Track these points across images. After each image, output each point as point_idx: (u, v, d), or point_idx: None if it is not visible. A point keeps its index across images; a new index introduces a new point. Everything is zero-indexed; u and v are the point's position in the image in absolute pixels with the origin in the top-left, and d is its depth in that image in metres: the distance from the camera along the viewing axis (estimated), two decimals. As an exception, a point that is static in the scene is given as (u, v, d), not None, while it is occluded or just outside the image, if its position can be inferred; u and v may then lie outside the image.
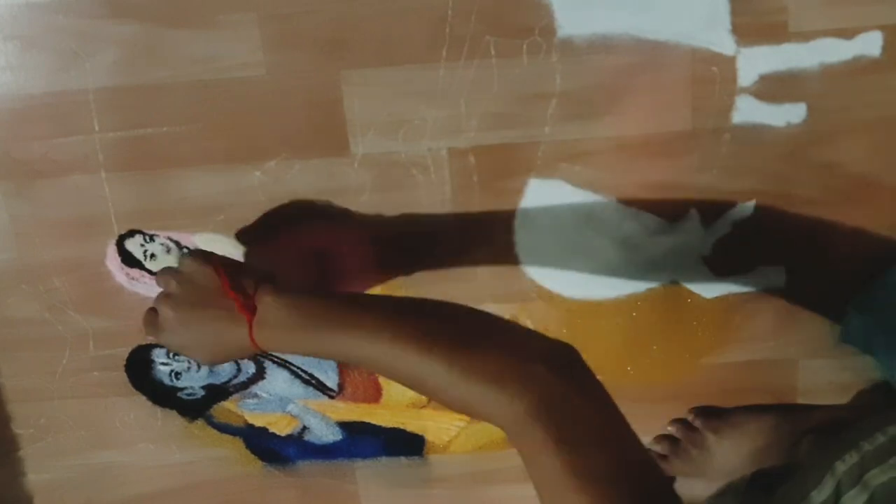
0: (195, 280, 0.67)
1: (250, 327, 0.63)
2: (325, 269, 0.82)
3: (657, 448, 0.87)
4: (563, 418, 0.51)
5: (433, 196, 0.79)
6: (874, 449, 0.65)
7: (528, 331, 0.60)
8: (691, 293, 0.82)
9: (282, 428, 0.89)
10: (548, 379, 0.52)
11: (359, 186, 0.79)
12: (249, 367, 0.87)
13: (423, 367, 0.56)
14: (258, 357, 0.86)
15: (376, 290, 0.83)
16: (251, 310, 0.63)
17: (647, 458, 0.53)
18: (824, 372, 0.86)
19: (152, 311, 0.69)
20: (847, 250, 0.81)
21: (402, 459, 0.90)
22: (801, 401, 0.87)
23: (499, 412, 0.53)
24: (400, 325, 0.58)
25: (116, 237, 0.81)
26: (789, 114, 0.76)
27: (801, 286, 0.82)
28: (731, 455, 0.84)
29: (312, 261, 0.82)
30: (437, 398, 0.57)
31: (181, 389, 0.87)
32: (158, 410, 0.88)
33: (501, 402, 0.52)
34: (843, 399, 0.86)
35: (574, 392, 0.53)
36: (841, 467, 0.65)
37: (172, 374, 0.86)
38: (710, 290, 0.82)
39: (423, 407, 0.87)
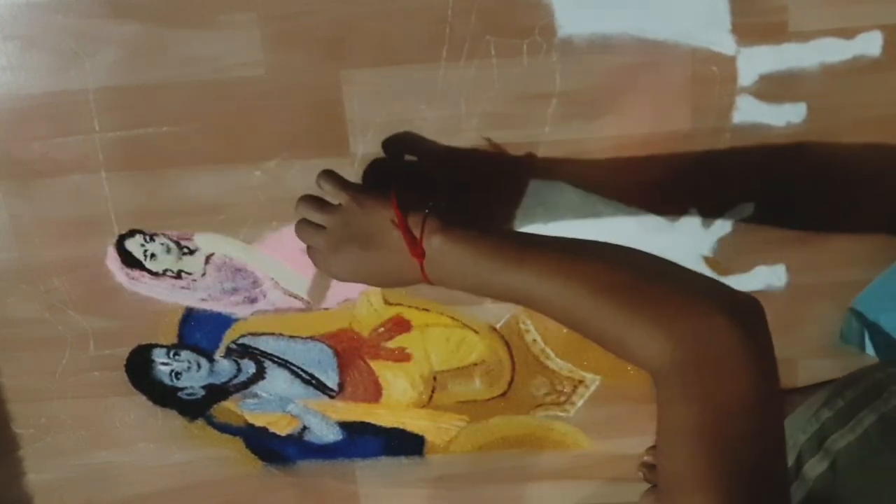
0: (364, 215, 0.66)
1: (422, 268, 0.63)
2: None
3: (648, 458, 0.87)
4: (716, 378, 0.49)
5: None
6: (834, 414, 0.65)
7: (712, 280, 0.56)
8: (691, 293, 0.82)
9: (282, 428, 0.89)
10: (723, 332, 0.49)
11: (359, 186, 0.79)
12: (249, 367, 0.87)
13: (591, 303, 0.54)
14: (258, 357, 0.86)
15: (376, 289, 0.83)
16: (422, 254, 0.62)
17: (779, 452, 0.50)
18: (824, 372, 0.86)
19: (308, 226, 0.70)
20: (847, 250, 0.81)
21: (402, 459, 0.90)
22: (801, 401, 0.87)
23: (656, 354, 0.51)
24: (572, 263, 0.56)
25: (116, 237, 0.81)
26: (789, 113, 0.76)
27: (801, 286, 0.82)
28: None
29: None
30: (600, 338, 0.55)
31: (181, 389, 0.87)
32: (158, 410, 0.88)
33: (663, 344, 0.50)
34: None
35: (741, 352, 0.49)
36: (802, 437, 0.64)
37: (172, 373, 0.86)
38: (710, 290, 0.82)
39: (424, 407, 0.87)
